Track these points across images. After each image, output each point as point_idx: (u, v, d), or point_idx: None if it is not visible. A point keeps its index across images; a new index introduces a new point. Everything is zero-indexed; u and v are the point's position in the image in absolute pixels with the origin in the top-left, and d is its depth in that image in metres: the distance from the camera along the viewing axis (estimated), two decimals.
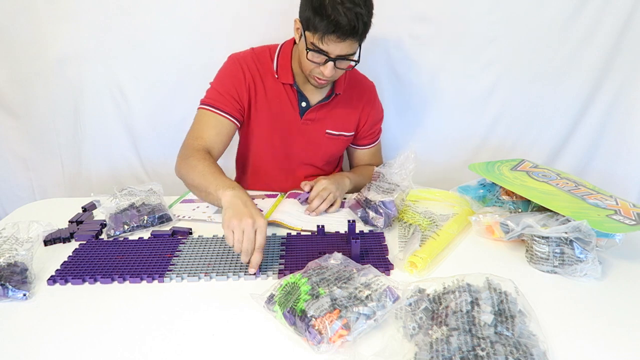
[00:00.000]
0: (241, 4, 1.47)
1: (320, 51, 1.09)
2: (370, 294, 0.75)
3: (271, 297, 0.79)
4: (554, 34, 1.49)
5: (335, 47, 1.08)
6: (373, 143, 1.44)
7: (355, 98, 1.33)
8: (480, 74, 1.55)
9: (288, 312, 0.74)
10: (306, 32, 1.10)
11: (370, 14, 1.08)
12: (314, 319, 0.71)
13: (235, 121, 1.25)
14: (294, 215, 1.15)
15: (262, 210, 1.18)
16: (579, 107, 1.58)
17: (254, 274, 0.90)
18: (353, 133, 1.37)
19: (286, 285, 0.80)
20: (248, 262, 0.90)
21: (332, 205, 1.18)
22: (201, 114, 1.24)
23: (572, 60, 1.52)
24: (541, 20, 1.47)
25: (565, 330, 0.76)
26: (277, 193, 1.31)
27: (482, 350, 0.63)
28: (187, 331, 0.76)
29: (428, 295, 0.76)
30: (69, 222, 1.12)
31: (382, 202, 1.09)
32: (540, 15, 1.46)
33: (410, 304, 0.75)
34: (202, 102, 1.25)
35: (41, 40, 1.50)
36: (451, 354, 0.63)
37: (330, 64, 1.11)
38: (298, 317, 0.72)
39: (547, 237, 0.90)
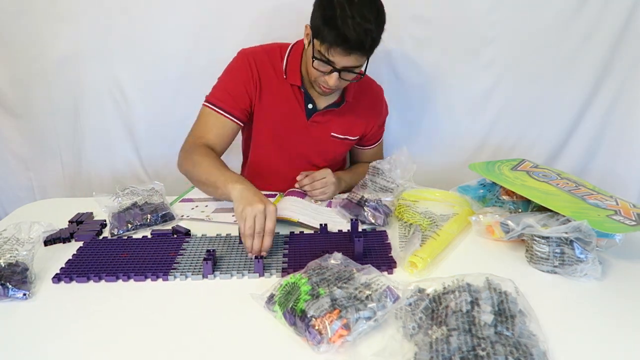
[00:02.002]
0: (241, 4, 1.47)
1: (326, 61, 1.10)
2: (370, 294, 0.75)
3: (271, 297, 0.79)
4: (554, 34, 1.49)
5: (341, 59, 1.08)
6: (377, 142, 1.46)
7: (363, 104, 1.33)
8: (480, 74, 1.55)
9: (288, 312, 0.74)
10: (315, 40, 1.10)
11: (380, 29, 1.07)
12: (314, 319, 0.71)
13: (239, 122, 1.25)
14: (295, 211, 1.15)
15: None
16: (579, 107, 1.59)
17: (261, 257, 0.91)
18: (358, 137, 1.38)
19: (286, 285, 0.80)
20: (256, 254, 0.92)
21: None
22: (205, 112, 1.23)
23: (572, 60, 1.52)
24: (541, 20, 1.47)
25: (565, 330, 0.76)
26: (275, 193, 1.32)
27: (482, 350, 0.63)
28: (188, 330, 0.76)
29: (428, 295, 0.76)
30: (69, 222, 1.12)
31: (380, 200, 1.09)
32: (540, 15, 1.46)
33: (410, 304, 0.75)
34: (207, 100, 1.24)
35: (41, 40, 1.50)
36: (451, 354, 0.63)
37: (335, 74, 1.11)
38: (298, 317, 0.72)
39: (548, 237, 0.90)
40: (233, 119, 1.23)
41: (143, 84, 1.57)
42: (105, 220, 1.11)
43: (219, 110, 1.22)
